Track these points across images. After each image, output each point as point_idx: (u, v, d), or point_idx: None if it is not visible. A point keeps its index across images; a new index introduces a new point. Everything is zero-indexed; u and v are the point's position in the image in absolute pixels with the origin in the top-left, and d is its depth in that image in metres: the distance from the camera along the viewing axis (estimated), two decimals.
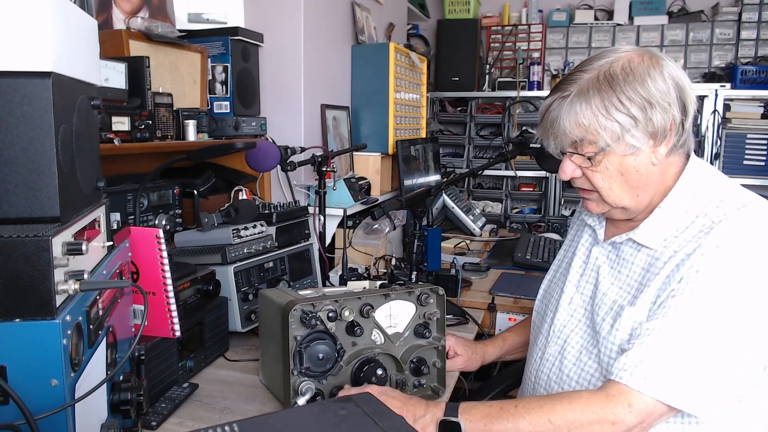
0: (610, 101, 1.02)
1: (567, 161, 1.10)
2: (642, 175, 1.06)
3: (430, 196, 1.88)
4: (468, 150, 4.10)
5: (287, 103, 2.19)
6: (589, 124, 1.03)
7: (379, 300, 1.20)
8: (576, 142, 1.07)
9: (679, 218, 1.06)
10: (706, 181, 1.09)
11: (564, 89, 1.07)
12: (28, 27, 0.71)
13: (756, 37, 3.76)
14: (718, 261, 0.97)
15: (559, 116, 1.06)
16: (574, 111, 1.04)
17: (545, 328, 1.26)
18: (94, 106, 0.92)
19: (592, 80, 1.04)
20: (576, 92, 1.04)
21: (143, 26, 1.59)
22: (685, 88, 1.05)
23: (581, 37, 4.07)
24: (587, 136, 1.04)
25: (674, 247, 1.04)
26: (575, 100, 1.04)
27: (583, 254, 1.24)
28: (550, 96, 1.10)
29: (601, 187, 1.08)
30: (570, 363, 1.15)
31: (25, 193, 0.73)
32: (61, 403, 0.70)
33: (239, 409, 1.20)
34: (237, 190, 1.76)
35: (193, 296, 1.34)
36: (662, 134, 1.03)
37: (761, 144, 3.51)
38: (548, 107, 1.09)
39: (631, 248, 1.12)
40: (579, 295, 1.21)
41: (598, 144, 1.04)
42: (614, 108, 1.01)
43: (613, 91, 1.02)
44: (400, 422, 0.78)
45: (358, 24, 2.64)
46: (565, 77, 1.09)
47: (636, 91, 1.01)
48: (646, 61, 1.03)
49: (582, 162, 1.08)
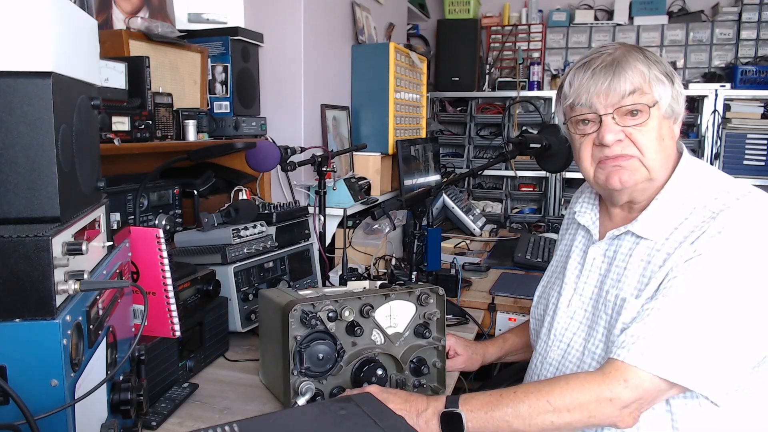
0: (653, 62, 1.08)
1: (610, 124, 1.08)
2: (668, 147, 1.10)
3: (430, 196, 1.88)
4: (468, 150, 4.10)
5: (287, 103, 2.19)
6: (648, 72, 1.07)
7: (379, 300, 1.20)
8: (633, 92, 1.07)
9: (677, 210, 1.07)
10: (700, 174, 1.10)
11: (606, 53, 1.10)
12: (28, 27, 0.71)
13: (756, 37, 3.76)
14: (720, 244, 0.98)
15: (618, 61, 1.07)
16: (633, 57, 1.07)
17: (544, 333, 1.25)
18: (94, 106, 0.92)
19: (628, 48, 1.10)
20: (622, 50, 1.09)
21: (143, 26, 1.59)
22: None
23: (581, 37, 4.07)
24: (644, 87, 1.07)
25: (676, 238, 1.04)
26: (627, 53, 1.08)
27: (579, 255, 1.24)
28: (598, 53, 1.11)
29: (647, 146, 1.08)
30: (573, 366, 1.15)
31: (25, 193, 0.73)
32: (61, 403, 0.70)
33: (239, 409, 1.20)
34: (237, 190, 1.76)
35: (193, 296, 1.34)
36: (678, 111, 1.10)
37: (761, 144, 3.51)
38: (600, 56, 1.10)
39: (630, 242, 1.12)
40: (578, 297, 1.20)
41: (652, 96, 1.07)
42: (656, 68, 1.08)
43: (647, 58, 1.08)
44: (400, 422, 0.78)
45: (358, 24, 2.64)
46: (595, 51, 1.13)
47: (662, 63, 1.10)
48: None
49: (628, 122, 1.08)
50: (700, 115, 3.64)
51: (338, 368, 1.15)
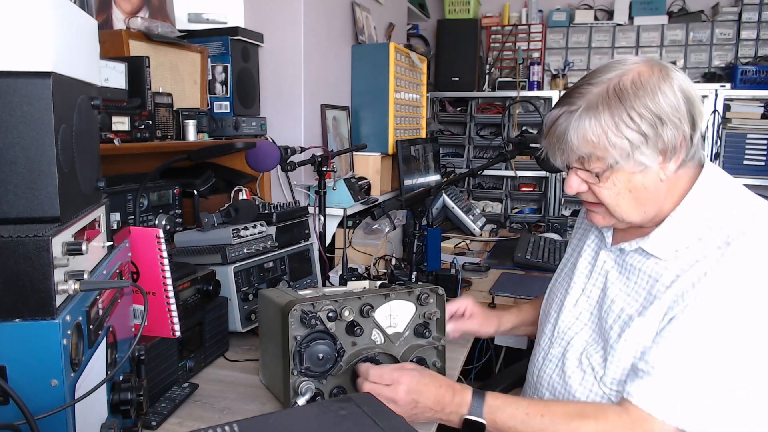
0: (620, 117, 0.98)
1: (573, 176, 1.07)
2: (650, 192, 1.04)
3: (430, 196, 1.88)
4: (468, 150, 4.10)
5: (287, 103, 2.19)
6: (599, 141, 1.00)
7: (379, 300, 1.20)
8: (583, 158, 1.03)
9: (691, 229, 1.03)
10: (719, 192, 1.06)
11: (571, 102, 1.03)
12: (28, 27, 0.71)
13: (756, 37, 3.76)
14: (738, 283, 0.95)
15: (566, 131, 1.02)
16: (582, 127, 1.00)
17: (549, 329, 1.25)
18: (94, 106, 0.92)
19: (601, 94, 1.00)
20: (584, 107, 1.00)
21: (143, 26, 1.59)
22: (695, 101, 1.01)
23: (581, 37, 4.07)
24: (595, 153, 1.01)
25: (687, 260, 1.01)
26: (584, 115, 1.00)
27: (590, 255, 1.23)
28: (557, 108, 1.06)
29: (609, 203, 1.06)
30: (573, 366, 1.15)
31: (25, 193, 0.73)
32: (61, 403, 0.70)
33: (239, 409, 1.20)
34: (237, 190, 1.76)
35: (193, 296, 1.34)
36: (672, 150, 1.00)
37: (761, 144, 3.51)
38: (555, 120, 1.05)
39: (640, 255, 1.10)
40: (585, 297, 1.20)
41: (607, 161, 1.01)
42: (624, 125, 0.98)
43: (623, 107, 0.98)
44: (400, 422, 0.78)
45: (358, 24, 2.64)
46: (572, 89, 1.05)
47: (647, 107, 0.97)
48: (656, 74, 0.99)
49: (589, 177, 1.05)
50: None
51: (338, 368, 1.15)
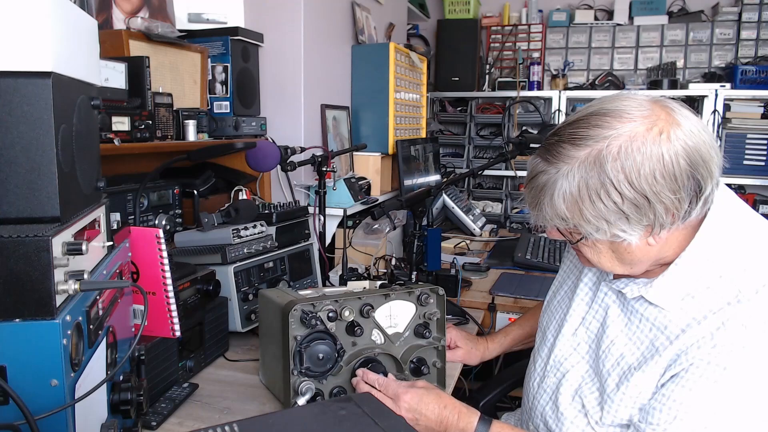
0: (597, 195, 0.88)
1: (552, 229, 0.99)
2: (636, 254, 0.95)
3: (430, 196, 1.88)
4: (468, 150, 4.10)
5: (287, 103, 2.19)
6: (572, 218, 0.92)
7: (379, 300, 1.20)
8: (554, 224, 0.96)
9: (698, 277, 0.94)
10: (730, 232, 0.95)
11: (553, 157, 0.93)
12: (28, 27, 0.71)
13: (756, 37, 3.76)
14: (748, 351, 0.87)
15: (541, 201, 0.95)
16: (557, 199, 0.92)
17: (545, 353, 1.20)
18: (94, 106, 0.92)
19: (581, 162, 0.89)
20: (564, 173, 0.90)
21: (143, 26, 1.59)
22: (701, 160, 0.88)
23: (581, 37, 4.07)
24: (569, 226, 0.94)
25: (693, 313, 0.93)
26: (561, 185, 0.91)
27: (591, 281, 1.15)
28: (538, 157, 0.96)
29: (590, 259, 1.00)
30: (566, 401, 1.10)
31: (25, 193, 0.73)
32: (61, 403, 0.70)
33: (239, 409, 1.20)
34: (237, 190, 1.76)
35: (193, 296, 1.34)
36: (660, 225, 0.90)
37: (761, 144, 3.51)
38: (534, 176, 0.96)
39: (643, 303, 1.01)
40: (584, 329, 1.12)
41: (581, 233, 0.94)
42: (602, 203, 0.88)
43: (601, 184, 0.87)
44: (400, 422, 0.78)
45: (358, 24, 2.64)
46: (558, 138, 0.94)
47: (631, 185, 0.86)
48: (652, 137, 0.86)
49: (567, 236, 0.99)
50: (700, 115, 3.64)
51: (338, 368, 1.15)
